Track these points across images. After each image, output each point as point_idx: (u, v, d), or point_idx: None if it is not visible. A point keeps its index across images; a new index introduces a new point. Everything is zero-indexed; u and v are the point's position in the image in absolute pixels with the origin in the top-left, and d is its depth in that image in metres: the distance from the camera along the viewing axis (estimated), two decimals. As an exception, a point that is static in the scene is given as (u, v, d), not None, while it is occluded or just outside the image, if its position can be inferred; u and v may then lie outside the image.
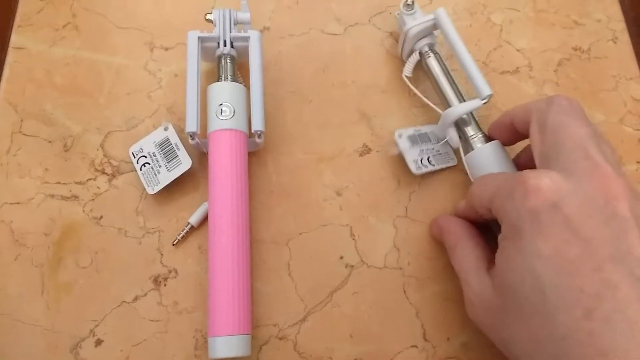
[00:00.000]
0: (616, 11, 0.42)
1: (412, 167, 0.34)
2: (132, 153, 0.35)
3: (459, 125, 0.34)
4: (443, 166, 0.35)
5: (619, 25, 0.41)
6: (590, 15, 0.41)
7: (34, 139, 0.36)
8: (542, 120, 0.27)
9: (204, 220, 0.34)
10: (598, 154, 0.24)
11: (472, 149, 0.33)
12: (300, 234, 0.34)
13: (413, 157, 0.35)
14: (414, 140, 0.35)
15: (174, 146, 0.35)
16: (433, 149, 0.35)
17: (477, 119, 0.35)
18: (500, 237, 0.25)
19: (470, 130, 0.34)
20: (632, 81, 0.39)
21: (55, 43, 0.39)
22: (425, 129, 0.36)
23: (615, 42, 0.41)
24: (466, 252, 0.29)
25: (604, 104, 0.38)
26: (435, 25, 0.35)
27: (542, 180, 0.23)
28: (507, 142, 0.33)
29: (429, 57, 0.36)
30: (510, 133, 0.31)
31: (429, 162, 0.35)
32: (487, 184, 0.28)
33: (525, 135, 0.31)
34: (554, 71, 0.39)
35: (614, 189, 0.22)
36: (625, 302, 0.19)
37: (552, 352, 0.21)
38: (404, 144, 0.35)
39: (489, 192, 0.27)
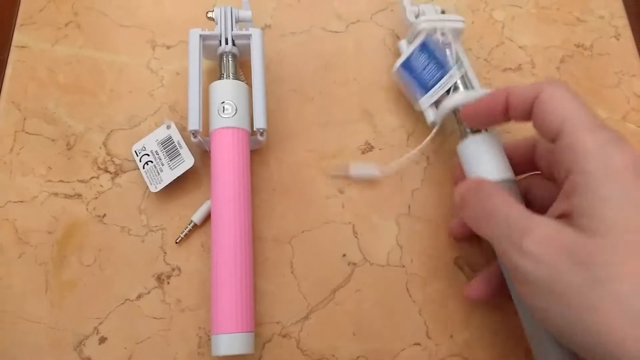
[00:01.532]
0: (619, 8, 0.42)
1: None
2: (135, 151, 0.35)
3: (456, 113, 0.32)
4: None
5: (622, 21, 0.41)
6: (593, 11, 0.41)
7: (37, 138, 0.37)
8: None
9: (207, 218, 0.34)
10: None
11: (465, 138, 0.31)
12: (302, 232, 0.34)
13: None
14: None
15: (177, 144, 0.35)
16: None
17: None
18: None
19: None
20: (635, 78, 0.39)
21: (57, 41, 0.39)
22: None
23: (617, 39, 0.40)
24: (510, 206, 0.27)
25: (607, 101, 0.38)
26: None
27: None
28: (484, 125, 0.30)
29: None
30: (494, 115, 0.28)
31: None
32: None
33: (509, 119, 0.28)
34: (557, 68, 0.39)
35: None
36: None
37: None
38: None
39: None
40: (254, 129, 0.34)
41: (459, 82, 0.33)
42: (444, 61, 0.33)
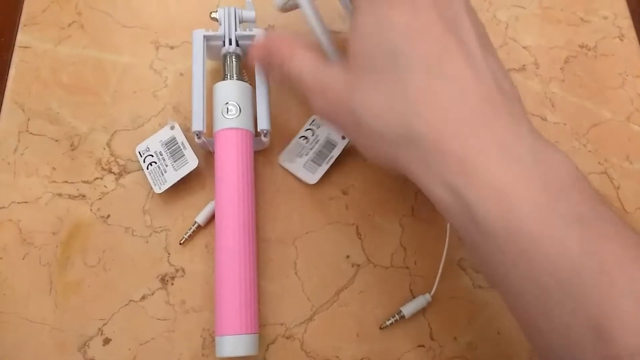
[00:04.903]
0: (622, 8, 0.41)
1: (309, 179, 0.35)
2: (139, 152, 0.35)
3: None
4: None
5: (626, 22, 0.41)
6: (597, 12, 0.41)
7: (40, 138, 0.37)
8: None
9: (211, 219, 0.34)
10: None
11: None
12: (306, 233, 0.34)
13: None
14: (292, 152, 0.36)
15: (181, 145, 0.35)
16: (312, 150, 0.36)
17: None
18: None
19: None
20: (638, 78, 0.39)
21: (61, 42, 0.39)
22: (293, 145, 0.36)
23: (621, 40, 0.40)
24: (305, 56, 0.29)
25: (611, 102, 0.38)
26: None
27: None
28: None
29: None
30: None
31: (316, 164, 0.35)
32: None
33: None
34: (560, 69, 0.39)
35: None
36: (455, 62, 0.23)
37: (402, 110, 0.24)
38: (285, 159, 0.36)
39: None
40: (258, 130, 0.34)
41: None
42: None
